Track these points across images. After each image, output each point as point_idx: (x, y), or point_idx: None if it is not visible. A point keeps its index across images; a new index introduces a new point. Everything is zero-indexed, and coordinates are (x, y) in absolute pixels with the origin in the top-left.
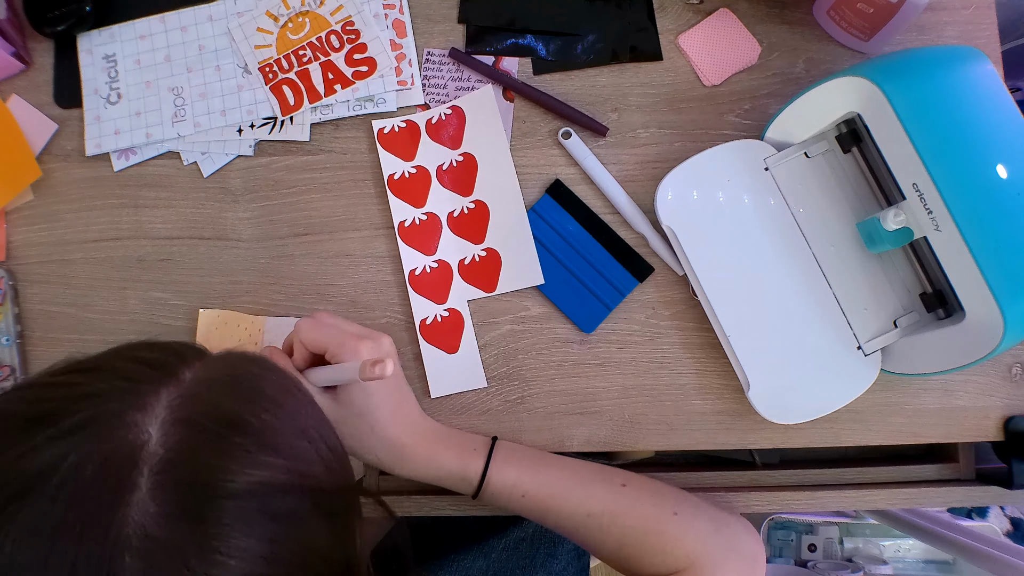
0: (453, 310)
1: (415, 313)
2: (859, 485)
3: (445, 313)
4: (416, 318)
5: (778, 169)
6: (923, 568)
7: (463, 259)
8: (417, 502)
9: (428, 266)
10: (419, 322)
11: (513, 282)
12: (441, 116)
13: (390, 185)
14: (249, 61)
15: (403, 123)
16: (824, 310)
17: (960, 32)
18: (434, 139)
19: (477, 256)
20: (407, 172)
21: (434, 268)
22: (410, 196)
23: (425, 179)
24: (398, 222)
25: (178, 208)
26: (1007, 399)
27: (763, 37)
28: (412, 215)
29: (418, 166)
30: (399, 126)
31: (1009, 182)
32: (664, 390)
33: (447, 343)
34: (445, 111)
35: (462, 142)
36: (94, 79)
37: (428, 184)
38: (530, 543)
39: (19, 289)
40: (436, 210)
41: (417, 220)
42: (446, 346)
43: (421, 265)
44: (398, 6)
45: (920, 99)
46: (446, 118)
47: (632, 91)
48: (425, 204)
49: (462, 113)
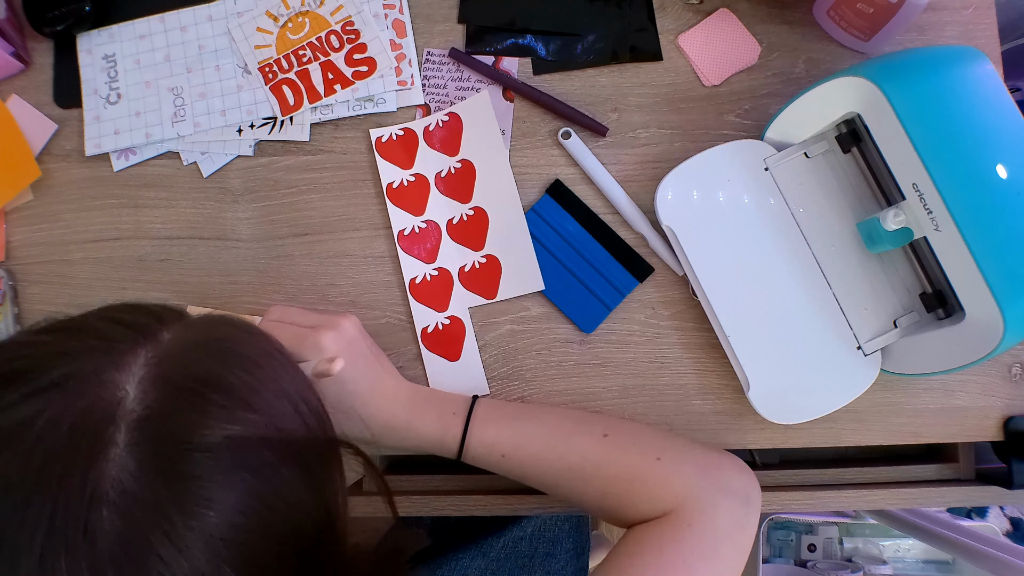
0: (454, 318)
1: (416, 322)
2: (859, 485)
3: (446, 321)
4: (417, 327)
5: (778, 169)
6: (923, 568)
7: (463, 266)
8: (417, 502)
9: (428, 274)
10: (420, 331)
11: (514, 288)
12: (438, 123)
13: (389, 194)
14: (249, 61)
15: (401, 131)
16: (824, 310)
17: (960, 32)
18: (432, 146)
19: (477, 263)
20: (406, 180)
21: (434, 276)
22: (409, 204)
23: (424, 187)
24: (397, 231)
25: (178, 208)
26: (1007, 399)
27: (763, 37)
28: (411, 223)
29: (416, 174)
30: (397, 134)
31: (1009, 182)
32: (664, 390)
33: (449, 351)
34: (442, 118)
35: (460, 149)
36: (94, 79)
37: (427, 192)
38: (529, 542)
39: (19, 289)
40: (435, 218)
41: (416, 228)
42: (448, 354)
43: (421, 273)
44: (398, 6)
45: (920, 99)
46: (443, 125)
47: (632, 91)
48: (424, 212)
49: (459, 120)
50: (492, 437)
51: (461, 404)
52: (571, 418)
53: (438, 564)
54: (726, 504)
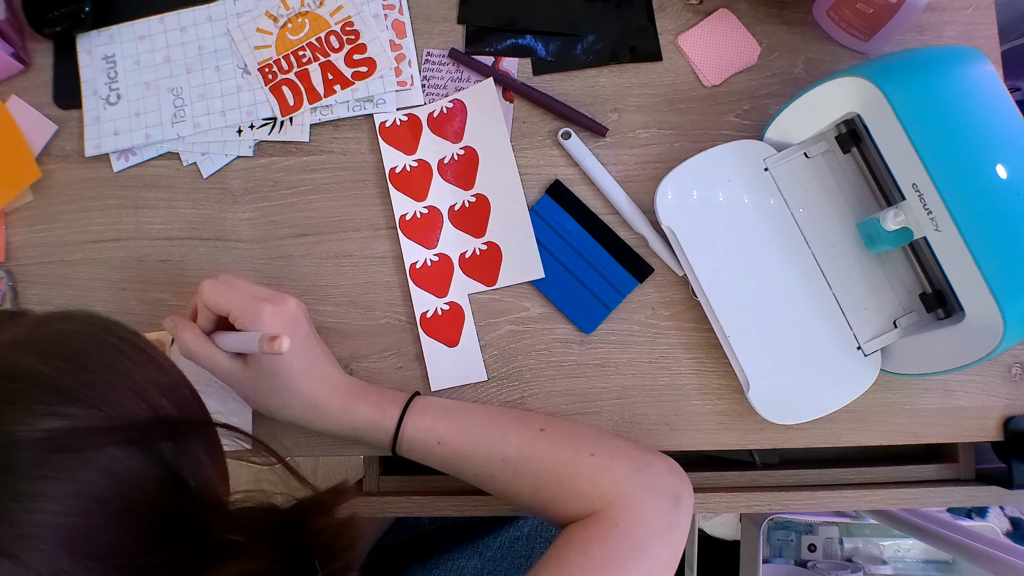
0: (454, 303)
1: (416, 306)
2: (859, 485)
3: (446, 307)
4: (417, 311)
5: (778, 169)
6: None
7: (464, 253)
8: (417, 502)
9: (429, 260)
10: (419, 315)
11: (514, 275)
12: (443, 110)
13: (391, 179)
14: (248, 62)
15: (405, 117)
16: (824, 310)
17: (960, 32)
18: (436, 133)
19: (478, 250)
20: (408, 165)
21: (435, 262)
22: (411, 190)
23: (426, 173)
24: (399, 215)
25: (178, 209)
26: (1007, 399)
27: (763, 37)
28: (413, 208)
29: (419, 160)
30: (401, 120)
31: (1009, 182)
32: (664, 390)
33: (447, 337)
34: (447, 104)
35: (464, 136)
36: (93, 80)
37: (429, 178)
38: (525, 542)
39: (19, 290)
40: (437, 203)
41: (418, 214)
42: (446, 339)
43: (422, 259)
44: (398, 7)
45: (920, 99)
46: (448, 112)
47: (632, 91)
48: (426, 198)
49: (463, 107)
50: (428, 424)
51: (400, 396)
52: (509, 414)
53: (435, 564)
54: (654, 503)
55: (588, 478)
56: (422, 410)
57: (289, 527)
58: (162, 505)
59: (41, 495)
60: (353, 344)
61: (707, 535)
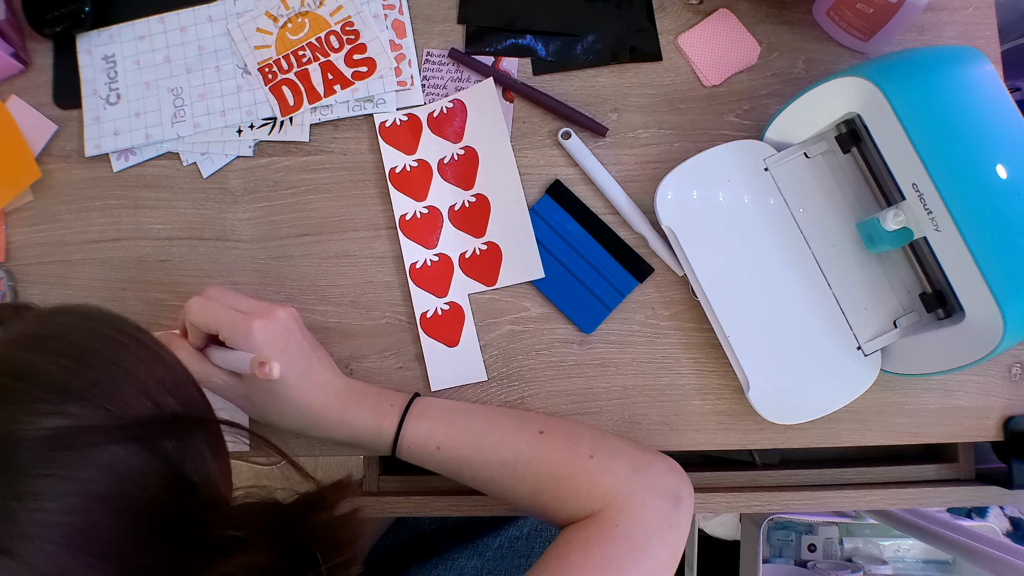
0: (454, 303)
1: (416, 306)
2: (859, 485)
3: (446, 306)
4: (417, 311)
5: (778, 169)
6: (923, 568)
7: (464, 252)
8: (417, 502)
9: (429, 260)
10: (419, 315)
11: (514, 275)
12: (443, 110)
13: (391, 178)
14: (248, 62)
15: (405, 116)
16: (824, 310)
17: (960, 32)
18: (436, 133)
19: (478, 250)
20: (408, 165)
21: (435, 262)
22: (411, 189)
23: (426, 172)
24: (399, 215)
25: (178, 209)
26: (1007, 399)
27: (763, 37)
28: (413, 208)
29: (419, 159)
30: (401, 120)
31: (1009, 182)
32: (664, 390)
33: (447, 336)
34: (447, 104)
35: (464, 136)
36: (93, 80)
37: (429, 178)
38: (525, 542)
39: (19, 290)
40: (437, 203)
41: (418, 214)
42: (446, 339)
43: (422, 259)
44: (397, 6)
45: (920, 99)
46: (448, 111)
47: (632, 91)
48: (426, 198)
49: (463, 107)
50: (428, 428)
51: (399, 398)
52: (509, 415)
53: (434, 564)
54: (654, 503)
55: (588, 479)
56: (420, 415)
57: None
58: (165, 503)
59: (43, 493)
60: (353, 344)
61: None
